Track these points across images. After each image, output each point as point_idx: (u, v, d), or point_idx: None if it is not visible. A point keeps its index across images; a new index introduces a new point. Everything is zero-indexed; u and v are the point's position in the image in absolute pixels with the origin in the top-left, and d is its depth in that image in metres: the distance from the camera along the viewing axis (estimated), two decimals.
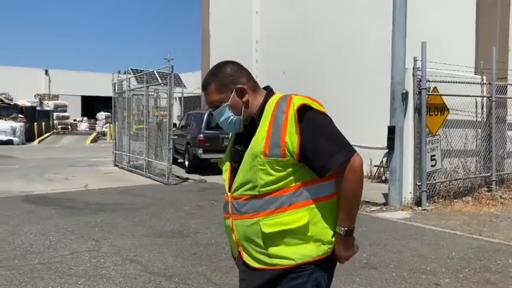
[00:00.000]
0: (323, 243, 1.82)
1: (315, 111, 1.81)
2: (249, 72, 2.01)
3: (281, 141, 1.75)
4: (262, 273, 1.82)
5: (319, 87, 13.34)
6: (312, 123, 1.77)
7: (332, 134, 1.80)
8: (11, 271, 4.41)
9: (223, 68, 1.97)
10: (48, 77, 45.32)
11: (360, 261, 4.84)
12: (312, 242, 1.80)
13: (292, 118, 1.76)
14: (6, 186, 10.02)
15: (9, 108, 28.50)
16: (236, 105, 1.89)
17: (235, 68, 1.97)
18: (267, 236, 1.78)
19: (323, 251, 1.82)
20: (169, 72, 11.02)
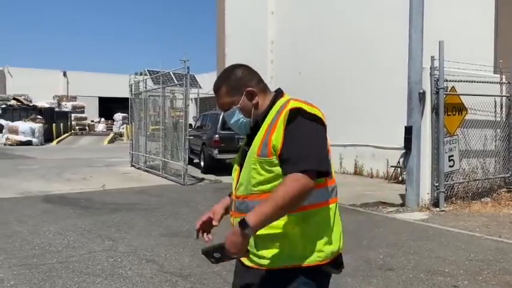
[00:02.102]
0: (312, 251, 1.79)
1: (306, 116, 1.79)
2: (259, 75, 2.04)
3: (268, 141, 1.77)
4: (252, 271, 1.84)
5: (335, 87, 13.31)
6: (297, 126, 1.75)
7: (310, 141, 1.74)
8: (30, 270, 4.48)
9: (234, 71, 1.98)
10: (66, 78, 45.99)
11: (376, 262, 4.81)
12: (301, 248, 1.78)
13: (282, 119, 1.77)
14: (26, 186, 10.19)
15: (28, 109, 29.00)
16: (246, 108, 1.92)
17: (245, 71, 1.99)
18: (257, 237, 1.77)
19: (311, 258, 1.79)
20: (185, 73, 11.08)
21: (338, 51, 13.20)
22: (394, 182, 11.08)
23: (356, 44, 12.53)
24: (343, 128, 12.88)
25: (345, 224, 6.15)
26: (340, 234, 1.89)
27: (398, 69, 8.96)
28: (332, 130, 9.08)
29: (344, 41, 12.98)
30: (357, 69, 12.52)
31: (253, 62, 10.38)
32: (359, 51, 12.43)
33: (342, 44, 13.08)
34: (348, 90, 12.89)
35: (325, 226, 1.82)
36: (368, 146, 12.15)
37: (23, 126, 25.86)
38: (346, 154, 12.92)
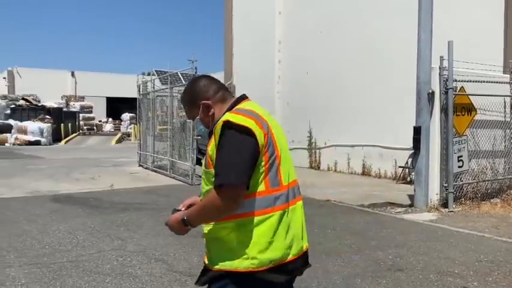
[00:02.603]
0: (246, 257, 1.81)
1: (234, 128, 1.80)
2: (218, 84, 2.09)
3: (207, 153, 1.89)
4: (205, 269, 1.97)
5: (342, 87, 13.29)
6: (224, 139, 1.81)
7: (230, 155, 1.78)
8: (40, 268, 4.51)
9: (192, 84, 2.09)
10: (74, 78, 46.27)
11: (385, 262, 4.79)
12: (236, 254, 1.82)
13: (217, 132, 1.84)
14: (35, 185, 10.26)
15: (37, 109, 29.24)
16: (204, 120, 2.04)
17: (202, 84, 2.06)
18: (206, 239, 1.95)
19: (244, 264, 1.81)
20: (193, 74, 11.10)
21: (346, 51, 13.17)
22: (402, 182, 11.04)
23: (364, 44, 12.50)
24: (351, 128, 12.87)
25: (353, 225, 6.18)
26: (289, 242, 1.89)
27: (407, 69, 8.92)
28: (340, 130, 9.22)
29: (352, 41, 12.95)
30: (365, 69, 12.49)
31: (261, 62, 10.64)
32: (367, 51, 12.40)
33: (349, 43, 13.05)
34: (355, 90, 12.85)
35: (264, 234, 1.82)
36: (376, 146, 12.11)
37: (31, 126, 26.07)
38: (354, 154, 12.90)
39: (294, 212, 1.94)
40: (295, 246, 1.91)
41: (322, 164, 14.21)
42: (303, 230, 1.99)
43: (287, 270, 1.89)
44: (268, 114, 1.99)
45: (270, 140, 1.86)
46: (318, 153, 14.40)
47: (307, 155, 14.76)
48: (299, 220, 1.97)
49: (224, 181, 1.75)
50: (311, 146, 14.64)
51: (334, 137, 13.47)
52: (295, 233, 1.93)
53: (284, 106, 15.72)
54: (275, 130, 1.92)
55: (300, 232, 1.96)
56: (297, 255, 1.92)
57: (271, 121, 1.94)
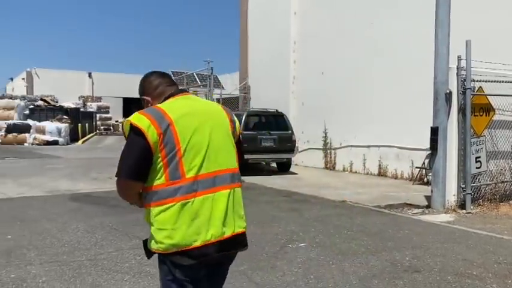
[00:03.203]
0: (156, 241, 2.05)
1: (131, 128, 2.04)
2: (164, 79, 2.28)
3: None
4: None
5: (358, 87, 13.23)
6: (127, 137, 2.07)
7: (123, 152, 2.07)
8: (60, 266, 4.59)
9: (141, 80, 2.32)
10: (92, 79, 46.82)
11: (402, 264, 4.77)
12: (152, 237, 2.07)
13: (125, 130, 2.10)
14: (53, 185, 10.43)
15: (54, 109, 29.65)
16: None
17: (147, 80, 2.29)
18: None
19: (156, 247, 2.06)
20: (208, 74, 11.19)
21: (361, 51, 13.12)
22: (419, 183, 10.95)
23: (380, 44, 12.43)
24: (366, 128, 12.81)
25: (370, 226, 6.16)
26: (194, 229, 2.02)
27: (425, 69, 8.86)
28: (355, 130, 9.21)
29: (368, 41, 12.89)
30: (381, 69, 12.42)
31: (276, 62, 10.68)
32: (383, 51, 12.33)
33: (365, 43, 12.99)
34: (371, 90, 12.79)
35: (167, 222, 2.01)
36: (392, 146, 12.04)
37: (49, 126, 26.45)
38: (370, 155, 12.84)
39: (210, 200, 2.06)
40: (206, 233, 2.03)
41: (338, 165, 14.17)
42: (227, 217, 2.09)
43: (193, 256, 2.01)
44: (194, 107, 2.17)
45: (167, 138, 2.00)
46: (333, 153, 14.36)
47: (322, 156, 14.73)
48: (219, 208, 2.08)
49: (116, 173, 2.06)
50: (326, 146, 14.60)
51: (350, 138, 13.42)
52: (209, 220, 2.04)
53: (299, 106, 15.71)
54: (192, 124, 2.08)
55: (219, 219, 2.07)
56: (208, 241, 2.03)
57: (188, 113, 2.11)
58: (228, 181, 2.15)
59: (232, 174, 2.18)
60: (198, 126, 2.09)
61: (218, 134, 2.16)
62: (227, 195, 2.12)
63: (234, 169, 2.21)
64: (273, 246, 5.41)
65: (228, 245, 2.10)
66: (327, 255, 5.06)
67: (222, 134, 2.19)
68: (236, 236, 2.14)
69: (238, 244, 2.17)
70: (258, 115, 13.77)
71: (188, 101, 2.20)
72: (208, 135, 2.12)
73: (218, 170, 2.11)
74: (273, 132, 12.83)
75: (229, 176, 2.16)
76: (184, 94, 2.24)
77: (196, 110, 2.16)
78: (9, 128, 26.09)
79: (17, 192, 9.26)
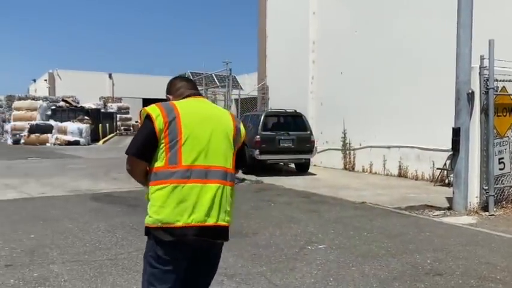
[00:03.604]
0: (148, 216, 2.33)
1: (145, 115, 2.36)
2: (184, 83, 2.62)
3: None
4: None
5: (378, 87, 13.11)
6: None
7: (136, 134, 2.45)
8: (82, 266, 4.66)
9: (168, 83, 2.67)
10: (112, 80, 47.42)
11: (423, 266, 4.70)
12: (147, 213, 2.35)
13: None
14: (75, 184, 10.60)
15: (76, 110, 30.12)
16: None
17: (172, 83, 2.65)
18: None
19: (146, 220, 2.34)
20: (227, 75, 11.21)
21: (381, 51, 12.99)
22: (440, 184, 10.79)
23: (400, 44, 12.29)
24: (386, 128, 12.68)
25: (390, 227, 6.08)
26: (179, 211, 2.27)
27: (446, 69, 8.72)
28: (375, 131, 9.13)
29: (387, 41, 12.76)
30: (401, 68, 12.28)
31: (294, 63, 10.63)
32: (404, 51, 12.19)
33: (385, 43, 12.86)
34: (391, 90, 12.65)
35: (158, 199, 2.29)
36: (413, 147, 11.88)
37: (71, 126, 26.89)
38: (390, 155, 12.70)
39: (199, 189, 2.31)
40: (189, 216, 2.27)
41: (357, 165, 14.05)
42: (212, 208, 2.33)
43: (174, 234, 2.27)
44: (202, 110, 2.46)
45: (172, 127, 2.31)
46: (353, 154, 14.24)
47: (341, 156, 14.62)
48: (206, 198, 2.32)
49: (126, 151, 2.37)
50: (345, 147, 14.50)
51: (370, 138, 13.29)
52: (196, 206, 2.29)
53: (318, 106, 15.63)
54: (195, 121, 2.37)
55: (203, 207, 2.31)
56: (189, 224, 2.27)
57: (195, 113, 2.41)
58: (219, 177, 2.38)
59: (225, 172, 2.42)
60: (200, 125, 2.39)
61: (218, 136, 2.42)
62: (215, 189, 2.35)
63: (227, 169, 2.44)
64: (291, 247, 5.39)
65: (208, 232, 2.33)
66: (346, 257, 5.02)
67: (221, 136, 2.44)
68: (218, 227, 2.36)
69: (218, 235, 2.40)
70: (276, 115, 13.74)
71: (199, 103, 2.51)
72: (209, 135, 2.39)
73: (212, 166, 2.37)
74: (291, 133, 12.80)
75: (222, 174, 2.40)
76: (198, 97, 2.56)
77: (203, 111, 2.46)
78: (32, 128, 26.62)
79: (39, 192, 9.44)
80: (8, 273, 4.42)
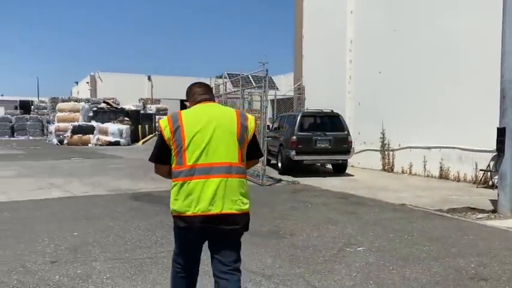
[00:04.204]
0: (170, 205, 2.82)
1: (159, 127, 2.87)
2: (200, 89, 3.01)
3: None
4: None
5: (417, 87, 12.81)
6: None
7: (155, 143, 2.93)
8: (123, 264, 4.76)
9: (186, 89, 3.08)
10: (151, 82, 48.42)
11: (467, 271, 4.55)
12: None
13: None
14: (116, 184, 10.87)
15: (116, 111, 30.90)
16: None
17: (189, 89, 3.06)
18: None
19: (171, 211, 2.82)
20: (263, 76, 11.21)
21: (421, 50, 12.69)
22: (484, 186, 10.42)
23: (441, 43, 11.97)
24: (427, 128, 12.37)
25: (431, 230, 5.91)
26: (187, 203, 2.72)
27: (489, 67, 8.43)
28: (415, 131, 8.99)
29: (428, 39, 12.44)
30: (442, 67, 11.95)
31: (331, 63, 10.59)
32: (444, 49, 11.86)
33: (425, 42, 12.55)
34: (431, 89, 12.34)
35: (173, 193, 2.78)
36: (455, 148, 11.53)
37: (112, 127, 27.60)
38: (431, 156, 12.38)
39: (201, 184, 2.71)
40: (195, 207, 2.70)
41: (396, 167, 13.76)
42: (215, 199, 2.71)
43: (185, 221, 2.75)
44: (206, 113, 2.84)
45: (177, 135, 2.75)
46: (392, 155, 13.96)
47: (380, 157, 14.36)
48: (209, 191, 2.71)
49: (149, 157, 2.97)
50: (384, 147, 14.23)
51: (409, 139, 13.00)
52: (200, 198, 2.70)
53: (355, 106, 15.42)
54: (198, 125, 2.76)
55: (207, 199, 2.70)
56: (195, 213, 2.70)
57: (198, 118, 2.80)
58: (222, 172, 2.74)
59: (228, 167, 2.76)
60: (202, 128, 2.76)
61: (220, 135, 2.77)
62: (217, 183, 2.72)
63: (231, 163, 2.77)
64: (330, 249, 5.33)
65: (213, 220, 2.72)
66: (386, 260, 4.92)
67: (224, 135, 2.78)
68: (223, 215, 2.73)
69: (225, 221, 2.75)
70: (313, 116, 13.63)
71: (205, 108, 2.90)
72: (210, 135, 2.75)
73: (214, 162, 2.74)
74: (328, 133, 12.67)
75: (224, 168, 2.75)
76: (207, 102, 2.95)
77: (206, 116, 2.82)
78: (74, 129, 27.50)
79: (82, 191, 9.74)
80: (53, 269, 4.58)
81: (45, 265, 4.70)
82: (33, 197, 8.97)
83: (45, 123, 37.37)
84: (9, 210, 7.64)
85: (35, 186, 10.45)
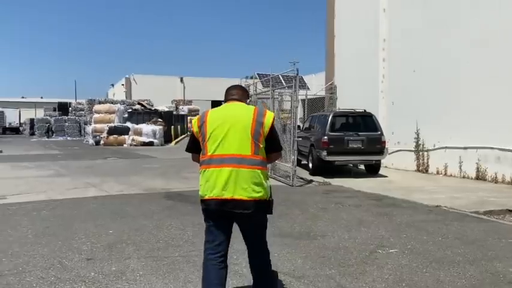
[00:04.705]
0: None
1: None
2: (231, 91, 3.46)
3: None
4: None
5: (453, 85, 12.50)
6: None
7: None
8: (156, 261, 4.85)
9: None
10: (183, 84, 49.09)
11: (505, 276, 4.41)
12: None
13: None
14: (150, 183, 11.08)
15: (150, 113, 31.48)
16: None
17: (226, 90, 3.50)
18: None
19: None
20: (294, 76, 11.18)
21: (457, 47, 12.36)
22: None
23: (479, 40, 11.62)
24: (463, 128, 12.05)
25: (467, 233, 5.75)
26: (206, 188, 3.18)
27: None
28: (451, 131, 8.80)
29: (464, 36, 12.12)
30: (480, 66, 11.61)
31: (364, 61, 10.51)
32: (482, 45, 11.52)
33: (461, 38, 12.22)
34: (468, 87, 12.00)
35: (200, 179, 3.26)
36: (493, 148, 11.18)
37: (146, 128, 28.15)
38: (467, 157, 12.04)
39: (216, 172, 3.14)
40: (211, 192, 3.15)
41: (431, 167, 13.46)
42: (227, 186, 3.11)
43: (205, 203, 3.23)
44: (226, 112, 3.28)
45: (202, 130, 3.25)
46: (426, 155, 13.65)
47: (414, 158, 14.07)
48: (221, 178, 3.12)
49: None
50: (418, 147, 13.93)
51: (445, 139, 12.68)
52: (215, 184, 3.14)
53: (388, 106, 15.18)
54: (217, 122, 3.20)
55: (220, 185, 3.12)
56: (212, 197, 3.15)
57: (219, 116, 3.25)
58: (233, 162, 3.13)
59: (240, 158, 3.13)
60: (221, 123, 3.19)
61: (235, 131, 3.16)
62: (229, 172, 3.11)
63: (243, 155, 3.14)
64: (361, 251, 5.26)
65: (226, 203, 3.14)
66: (419, 262, 4.82)
67: (239, 131, 3.16)
68: (234, 200, 3.12)
69: (236, 206, 3.14)
70: (344, 116, 13.49)
71: (228, 107, 3.35)
72: (227, 129, 3.16)
73: (226, 154, 3.15)
74: (361, 133, 12.51)
75: (236, 159, 3.13)
76: (232, 102, 3.38)
77: (227, 113, 3.27)
78: (110, 130, 28.18)
79: (117, 190, 9.97)
80: (88, 266, 4.71)
81: (81, 262, 4.84)
82: (70, 195, 9.25)
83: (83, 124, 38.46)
84: (48, 208, 7.90)
85: (73, 185, 10.77)
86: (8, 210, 7.72)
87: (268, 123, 3.21)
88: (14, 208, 7.90)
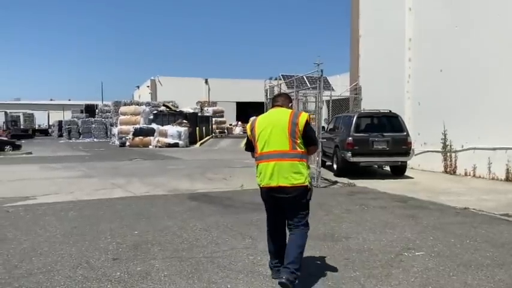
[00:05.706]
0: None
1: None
2: (276, 98, 4.43)
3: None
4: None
5: (481, 85, 12.22)
6: None
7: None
8: (180, 262, 4.90)
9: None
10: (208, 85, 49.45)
11: None
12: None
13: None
14: (175, 184, 11.19)
15: (175, 114, 31.85)
16: None
17: (273, 98, 4.53)
18: None
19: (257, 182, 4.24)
20: (318, 76, 11.12)
21: (486, 46, 12.07)
22: None
23: (507, 40, 11.31)
24: (492, 129, 11.76)
25: (496, 236, 5.63)
26: (261, 178, 4.11)
27: None
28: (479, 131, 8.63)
29: (493, 35, 11.83)
30: (508, 66, 11.30)
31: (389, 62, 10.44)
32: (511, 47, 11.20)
33: (490, 37, 11.93)
34: (498, 88, 11.70)
35: (256, 172, 4.18)
36: None
37: (171, 129, 28.47)
38: (496, 158, 11.74)
39: (265, 165, 4.06)
40: (262, 181, 4.09)
41: (459, 169, 13.17)
42: (272, 176, 4.01)
43: (261, 190, 4.20)
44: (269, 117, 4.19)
45: (253, 132, 4.19)
46: (454, 156, 13.37)
47: (441, 159, 13.80)
48: (268, 170, 4.02)
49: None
50: (445, 148, 13.66)
51: (473, 139, 12.40)
52: (265, 175, 4.06)
53: (415, 106, 14.93)
54: (263, 126, 4.12)
55: (268, 176, 4.03)
56: (263, 185, 4.09)
57: (264, 121, 4.16)
58: (276, 157, 4.00)
59: (281, 153, 3.98)
60: (266, 126, 4.09)
61: (276, 131, 4.02)
62: (273, 165, 4.00)
63: (283, 150, 3.99)
64: (387, 253, 5.19)
65: (274, 190, 4.04)
66: (446, 265, 4.73)
67: (279, 131, 4.01)
68: (279, 187, 4.00)
69: (281, 192, 4.02)
70: (369, 116, 13.34)
71: (272, 112, 4.22)
72: (269, 132, 4.05)
73: (271, 150, 4.03)
74: (386, 134, 12.34)
75: (278, 154, 3.99)
76: (275, 108, 4.25)
77: (270, 118, 4.15)
78: (136, 131, 28.61)
79: (142, 191, 10.11)
80: (114, 266, 4.79)
81: (108, 262, 4.93)
82: (97, 196, 9.43)
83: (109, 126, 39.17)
84: (75, 209, 8.08)
85: (99, 186, 10.98)
86: (37, 210, 7.93)
87: (302, 123, 3.99)
88: (43, 208, 8.11)
